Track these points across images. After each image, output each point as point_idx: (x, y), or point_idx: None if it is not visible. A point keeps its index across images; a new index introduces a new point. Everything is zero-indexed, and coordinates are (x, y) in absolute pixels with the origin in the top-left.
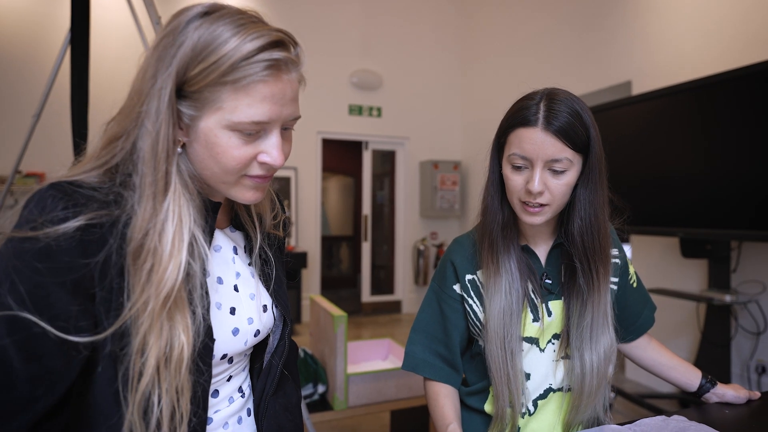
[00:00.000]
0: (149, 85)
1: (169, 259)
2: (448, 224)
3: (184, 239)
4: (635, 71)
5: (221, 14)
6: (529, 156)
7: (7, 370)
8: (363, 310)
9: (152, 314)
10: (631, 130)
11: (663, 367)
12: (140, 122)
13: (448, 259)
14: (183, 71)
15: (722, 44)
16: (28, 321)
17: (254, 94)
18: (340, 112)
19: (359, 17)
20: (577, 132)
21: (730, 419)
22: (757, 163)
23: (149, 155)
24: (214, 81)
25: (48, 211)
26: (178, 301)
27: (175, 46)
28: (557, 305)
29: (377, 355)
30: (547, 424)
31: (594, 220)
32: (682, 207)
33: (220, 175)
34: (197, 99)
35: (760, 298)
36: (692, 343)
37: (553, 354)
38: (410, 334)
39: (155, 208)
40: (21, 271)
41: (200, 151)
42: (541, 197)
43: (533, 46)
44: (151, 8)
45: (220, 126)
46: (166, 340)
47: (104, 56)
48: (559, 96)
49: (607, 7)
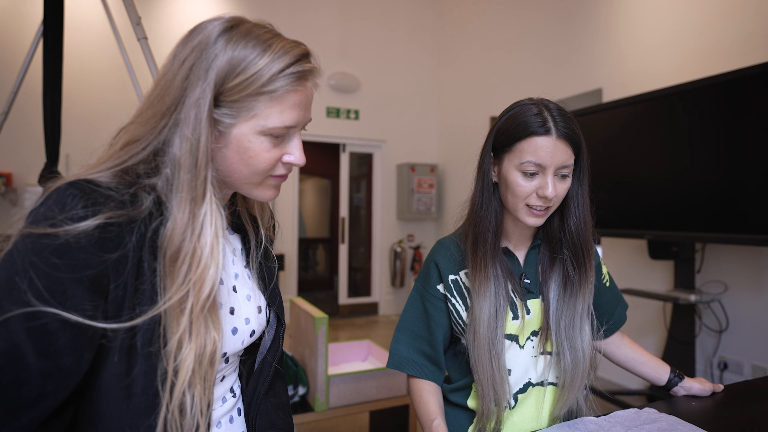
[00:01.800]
0: (179, 94)
1: (210, 262)
2: (424, 226)
3: (220, 242)
4: (606, 79)
5: (247, 29)
6: (544, 163)
7: (21, 365)
8: (340, 312)
9: (191, 314)
10: (602, 136)
11: (635, 362)
12: (171, 129)
13: (432, 260)
14: (221, 83)
15: (687, 55)
16: (44, 316)
17: (286, 102)
18: (318, 114)
19: (337, 20)
20: (578, 137)
21: (696, 410)
22: (720, 168)
23: (188, 161)
24: (253, 92)
25: (68, 209)
26: (214, 303)
27: (209, 59)
28: (536, 303)
29: (357, 356)
30: (527, 418)
31: (586, 216)
32: (650, 210)
33: (249, 176)
34: (233, 108)
35: (723, 297)
36: (659, 340)
37: (532, 350)
38: (395, 333)
39: (194, 213)
40: (38, 267)
41: (231, 156)
42: (551, 200)
43: (508, 53)
44: (130, 8)
45: (254, 132)
46: (204, 339)
47: (75, 54)
48: (553, 105)
49: (579, 17)
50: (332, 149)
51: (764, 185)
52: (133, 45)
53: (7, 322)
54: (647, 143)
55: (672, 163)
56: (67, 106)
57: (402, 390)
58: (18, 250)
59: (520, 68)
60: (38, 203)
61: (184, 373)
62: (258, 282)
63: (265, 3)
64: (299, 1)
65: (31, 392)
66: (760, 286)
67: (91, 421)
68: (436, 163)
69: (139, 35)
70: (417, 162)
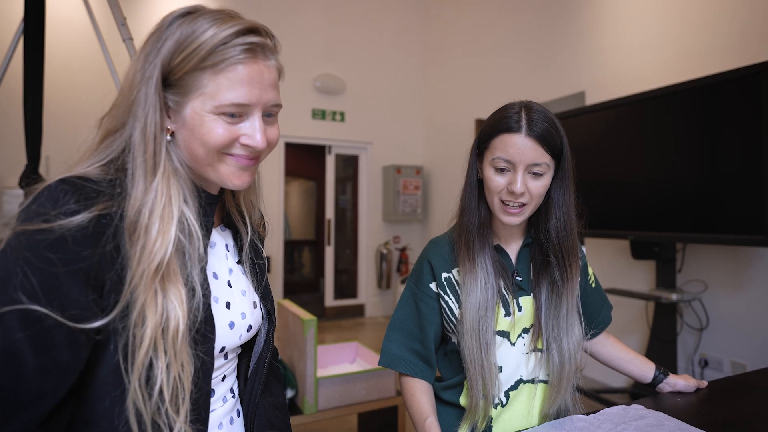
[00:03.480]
0: (138, 78)
1: (158, 234)
2: (410, 228)
3: (174, 216)
4: (589, 82)
5: (202, 12)
6: (513, 159)
7: (19, 363)
8: (326, 315)
9: (146, 286)
10: (585, 138)
11: (621, 361)
12: (132, 113)
13: (425, 258)
14: (167, 62)
15: (668, 59)
16: (39, 314)
17: (233, 77)
18: (304, 116)
19: (322, 22)
20: (554, 139)
21: (682, 406)
22: (700, 170)
23: (139, 139)
24: (194, 66)
25: (61, 204)
26: (170, 274)
27: (161, 41)
28: (527, 301)
29: (345, 358)
30: (519, 415)
31: (567, 219)
32: (632, 211)
33: (205, 156)
34: (181, 86)
35: (703, 296)
36: (642, 339)
37: (524, 347)
38: (387, 332)
39: (146, 187)
40: (32, 263)
41: (186, 136)
42: (522, 197)
43: (492, 56)
44: (116, 8)
45: (204, 110)
46: (162, 310)
47: (55, 54)
48: (536, 107)
49: (562, 22)
50: (318, 151)
51: (742, 186)
52: (115, 45)
53: (3, 320)
54: (629, 146)
55: (653, 165)
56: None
57: (390, 391)
58: (11, 248)
59: (504, 71)
60: (29, 201)
61: (145, 346)
62: (251, 279)
63: (249, 5)
64: (285, 3)
65: (30, 390)
66: (738, 284)
67: (85, 421)
68: (421, 165)
69: (125, 36)
70: (403, 164)
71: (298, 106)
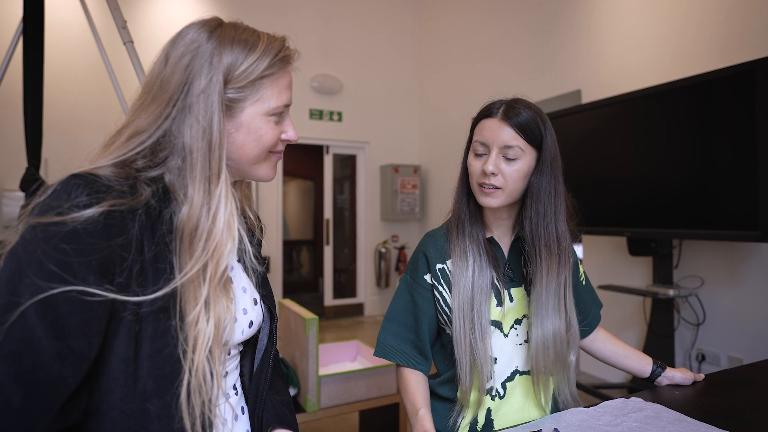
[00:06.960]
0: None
1: (226, 237)
2: (408, 227)
3: (236, 219)
4: (584, 81)
5: (229, 25)
6: (487, 141)
7: (38, 349)
8: (326, 314)
9: (209, 286)
10: (581, 136)
11: (619, 356)
12: (177, 118)
13: (421, 250)
14: (227, 72)
15: (663, 58)
16: (56, 301)
17: (281, 84)
18: (301, 116)
19: (318, 23)
20: (530, 126)
21: (679, 399)
22: (695, 167)
23: (201, 145)
24: (257, 77)
25: (74, 197)
26: (229, 278)
27: (206, 53)
28: (518, 292)
29: (346, 356)
30: (517, 407)
31: (549, 206)
32: (629, 208)
33: (257, 155)
34: (242, 93)
35: (699, 291)
36: (639, 334)
37: (516, 338)
38: (383, 323)
39: (209, 192)
40: (49, 254)
41: (242, 138)
42: (495, 179)
43: (488, 54)
44: (116, 12)
45: (260, 113)
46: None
47: (54, 57)
48: (522, 101)
49: (558, 21)
50: (316, 151)
51: (736, 183)
52: (114, 49)
53: (22, 308)
54: (626, 143)
55: (650, 162)
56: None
57: (391, 389)
58: (27, 240)
59: (500, 70)
60: (43, 196)
61: (204, 342)
62: (251, 277)
63: (245, 5)
64: (280, 4)
65: (50, 376)
66: (734, 280)
67: (94, 414)
68: (419, 164)
69: (125, 39)
70: (400, 163)
71: (296, 107)
